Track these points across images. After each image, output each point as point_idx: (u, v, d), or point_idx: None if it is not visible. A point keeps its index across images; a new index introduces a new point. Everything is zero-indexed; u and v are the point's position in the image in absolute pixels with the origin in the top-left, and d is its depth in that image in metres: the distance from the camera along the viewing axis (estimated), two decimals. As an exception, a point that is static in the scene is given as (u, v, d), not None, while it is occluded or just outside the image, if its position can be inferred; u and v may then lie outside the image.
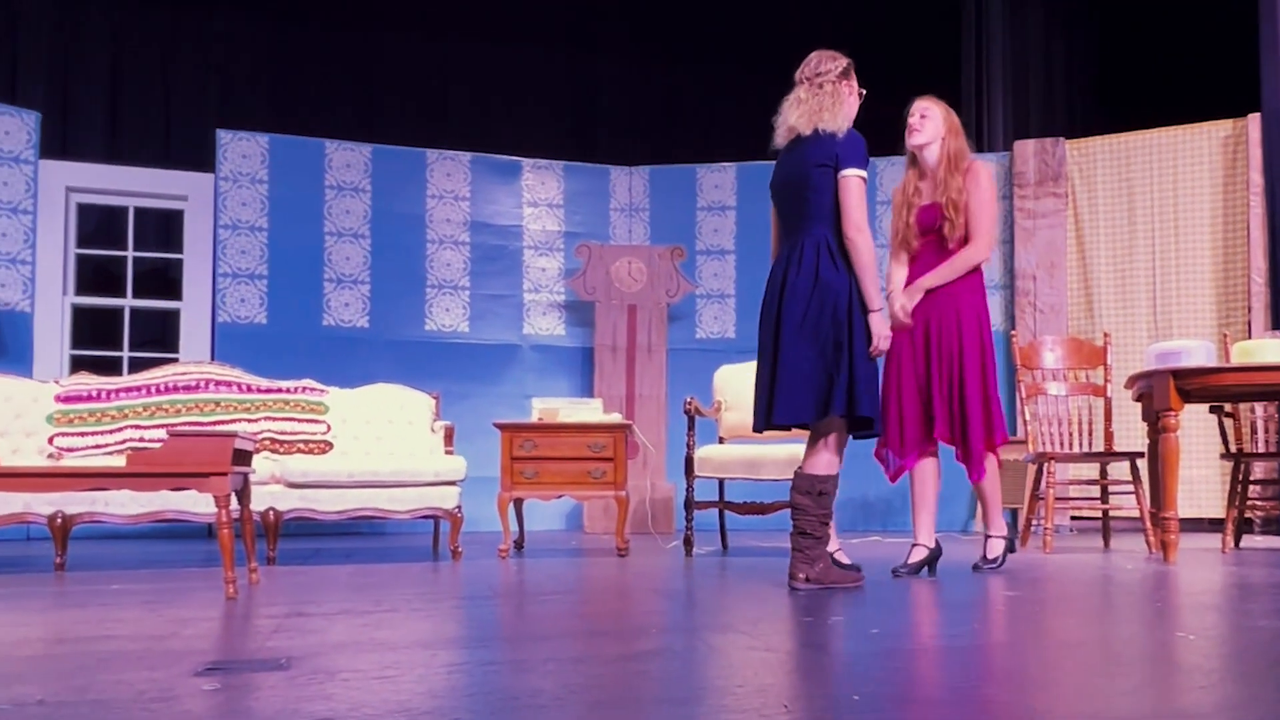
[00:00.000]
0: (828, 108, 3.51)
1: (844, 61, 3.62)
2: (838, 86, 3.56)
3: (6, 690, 1.84)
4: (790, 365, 3.42)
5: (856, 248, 3.43)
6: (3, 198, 6.48)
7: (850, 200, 3.43)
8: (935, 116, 4.13)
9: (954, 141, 4.11)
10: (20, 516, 4.39)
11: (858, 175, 3.45)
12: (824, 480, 3.49)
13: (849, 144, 3.48)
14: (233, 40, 7.69)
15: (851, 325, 3.40)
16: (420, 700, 1.77)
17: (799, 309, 3.43)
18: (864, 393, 3.40)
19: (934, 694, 1.83)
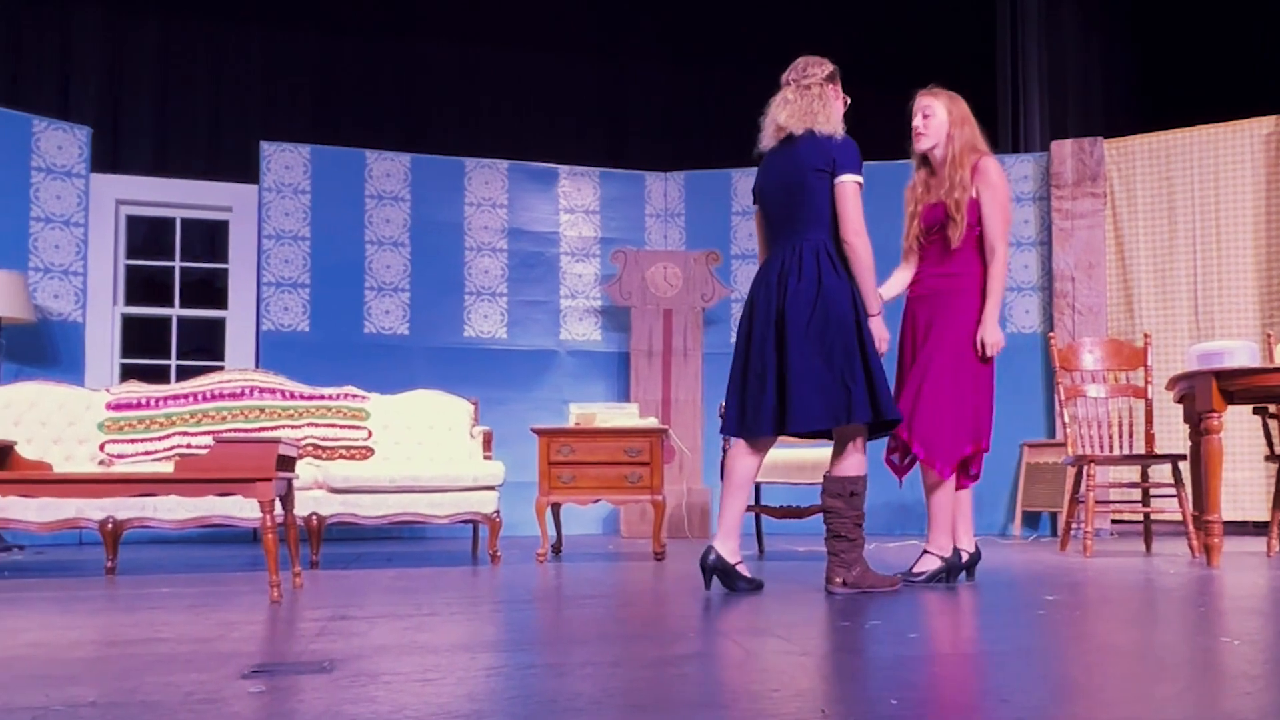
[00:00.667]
0: (819, 110, 3.51)
1: (830, 66, 3.61)
2: (824, 89, 3.55)
3: (60, 691, 1.88)
4: (800, 373, 3.39)
5: (855, 252, 3.43)
6: (56, 211, 6.66)
7: (848, 205, 3.43)
8: (938, 113, 3.95)
9: (960, 134, 3.92)
10: (73, 522, 4.50)
11: (855, 181, 3.44)
12: (854, 481, 3.49)
13: (846, 149, 3.47)
14: (275, 54, 7.83)
15: (860, 330, 3.41)
16: (460, 703, 1.79)
17: (803, 316, 3.41)
18: (884, 396, 3.41)
19: (972, 700, 1.82)
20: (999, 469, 7.09)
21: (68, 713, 1.71)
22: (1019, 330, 7.25)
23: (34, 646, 2.47)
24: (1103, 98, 7.95)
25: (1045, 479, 6.89)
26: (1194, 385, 4.52)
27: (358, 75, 7.98)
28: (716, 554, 3.50)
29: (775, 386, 3.44)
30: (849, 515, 3.47)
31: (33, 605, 3.37)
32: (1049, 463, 6.89)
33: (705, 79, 8.58)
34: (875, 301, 3.47)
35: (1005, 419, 7.03)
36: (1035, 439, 7.07)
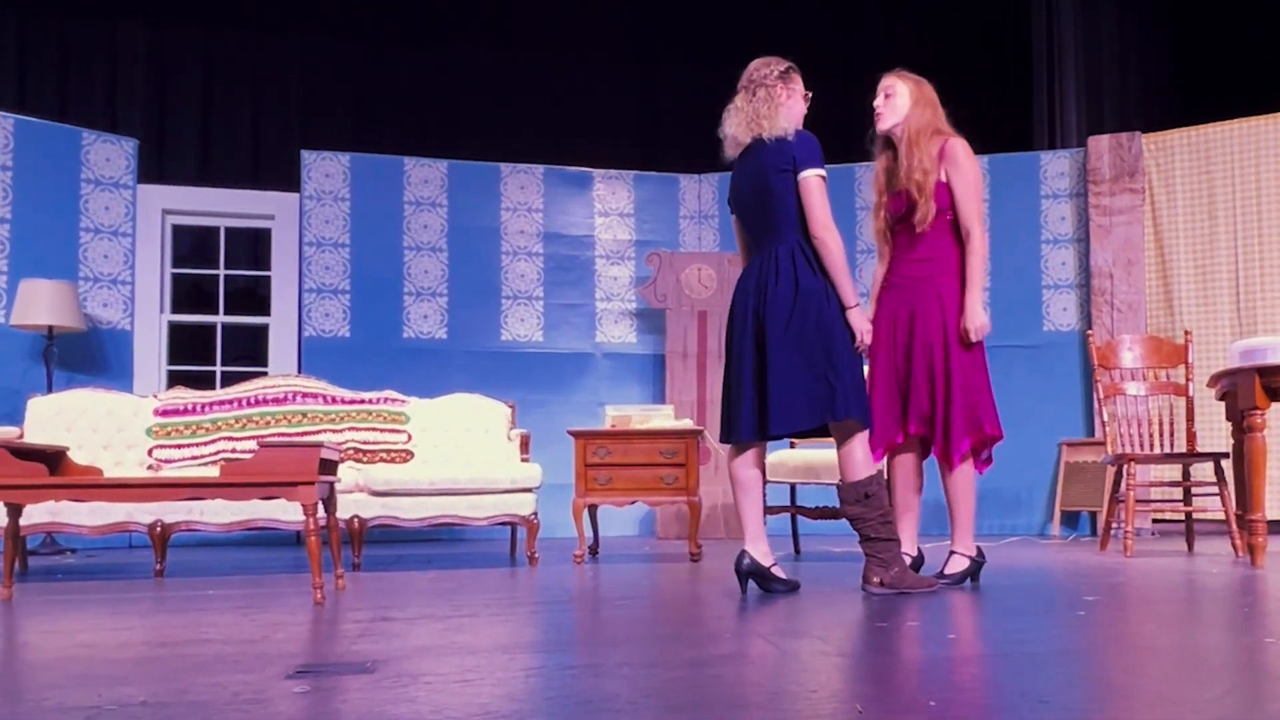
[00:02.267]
0: (764, 114, 3.49)
1: (783, 65, 3.57)
2: (773, 91, 3.52)
3: (111, 691, 1.93)
4: (780, 374, 3.38)
5: (826, 247, 3.41)
6: (104, 222, 6.82)
7: (814, 200, 3.40)
8: (901, 93, 3.80)
9: (921, 115, 3.76)
10: (123, 525, 4.61)
11: (817, 174, 3.42)
12: (866, 483, 3.44)
13: (804, 145, 3.45)
14: (315, 64, 7.95)
15: (839, 329, 3.39)
16: (499, 703, 1.81)
17: (782, 318, 3.40)
18: (855, 395, 3.39)
19: (1011, 701, 1.79)
20: (1037, 468, 7.04)
21: (119, 712, 1.75)
22: (1056, 328, 7.20)
23: (86, 647, 2.53)
24: (1140, 92, 7.85)
25: (1084, 478, 6.82)
26: (1236, 382, 4.47)
27: (396, 83, 8.09)
28: (750, 558, 3.50)
29: (754, 391, 3.44)
30: (872, 517, 3.44)
31: (85, 607, 3.46)
32: (1088, 462, 6.82)
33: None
34: (851, 294, 3.44)
35: (1043, 418, 7.03)
36: (1074, 438, 7.01)
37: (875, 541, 3.45)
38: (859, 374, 3.42)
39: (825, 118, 8.26)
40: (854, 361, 3.42)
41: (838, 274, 3.42)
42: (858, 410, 3.39)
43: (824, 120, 9.04)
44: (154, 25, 7.66)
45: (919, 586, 3.47)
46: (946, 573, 3.78)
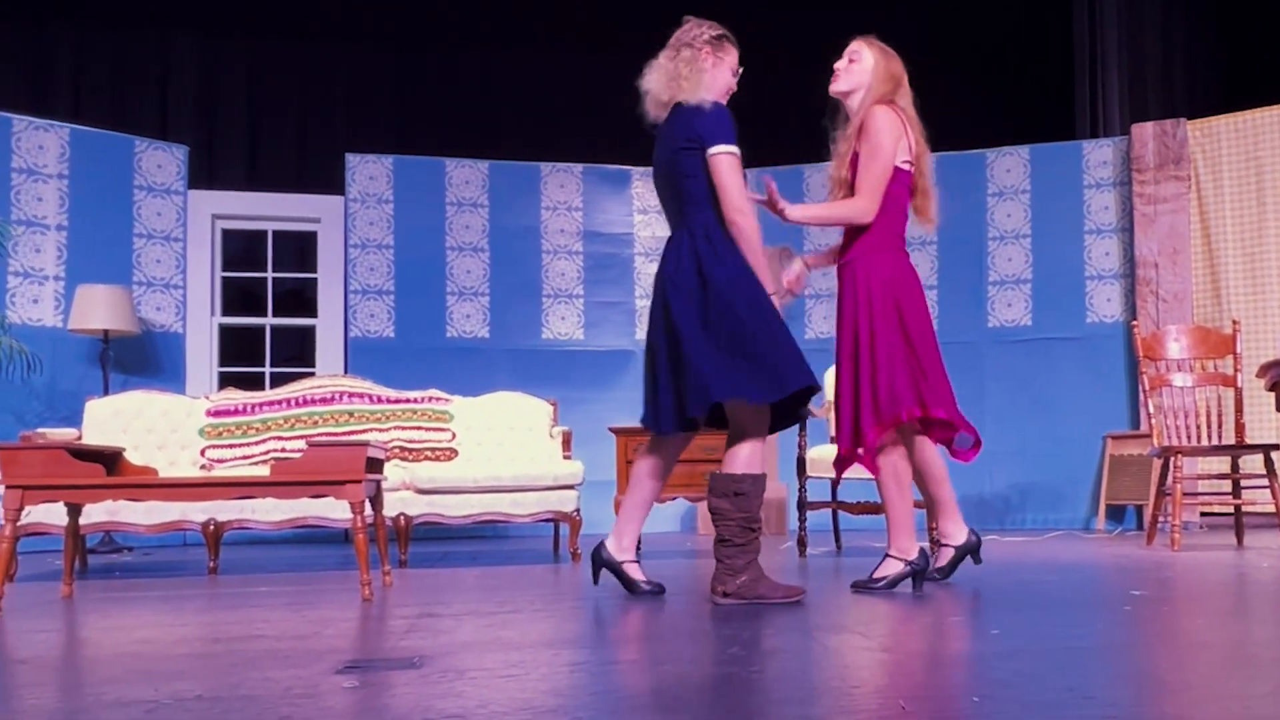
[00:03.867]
0: (685, 75, 3.23)
1: (716, 30, 3.33)
2: (698, 54, 3.26)
3: (169, 686, 1.98)
4: (693, 365, 3.12)
5: (740, 231, 3.14)
6: (157, 227, 6.98)
7: (724, 180, 3.13)
8: (865, 59, 3.51)
9: (878, 88, 3.47)
10: (178, 524, 4.73)
11: (726, 152, 3.13)
12: (740, 480, 3.14)
13: (711, 119, 3.17)
14: (358, 70, 8.07)
15: (750, 311, 3.12)
16: (544, 698, 1.83)
17: (694, 312, 3.14)
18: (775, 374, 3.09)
19: (1056, 696, 1.75)
20: (1081, 461, 6.98)
21: (176, 706, 1.79)
22: (1100, 320, 7.12)
23: (144, 643, 2.61)
24: (1185, 77, 7.73)
25: (1130, 471, 6.75)
26: (1285, 373, 4.40)
27: (437, 86, 8.18)
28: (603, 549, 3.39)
29: (671, 382, 3.20)
30: (735, 517, 3.12)
31: (142, 604, 3.56)
32: (1133, 454, 6.75)
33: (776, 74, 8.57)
34: (771, 280, 3.21)
35: (1086, 411, 6.96)
36: (1119, 430, 6.93)
37: (729, 545, 3.14)
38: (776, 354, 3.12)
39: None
40: (767, 344, 3.11)
41: (755, 260, 3.16)
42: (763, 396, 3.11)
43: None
44: (204, 36, 7.83)
45: (773, 596, 3.11)
46: (875, 576, 3.47)
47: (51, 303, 6.51)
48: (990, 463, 7.14)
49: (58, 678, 2.23)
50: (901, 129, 3.45)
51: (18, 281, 6.41)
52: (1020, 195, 7.31)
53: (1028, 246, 7.28)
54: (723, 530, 3.16)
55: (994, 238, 7.36)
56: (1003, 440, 7.13)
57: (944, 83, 8.46)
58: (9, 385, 5.25)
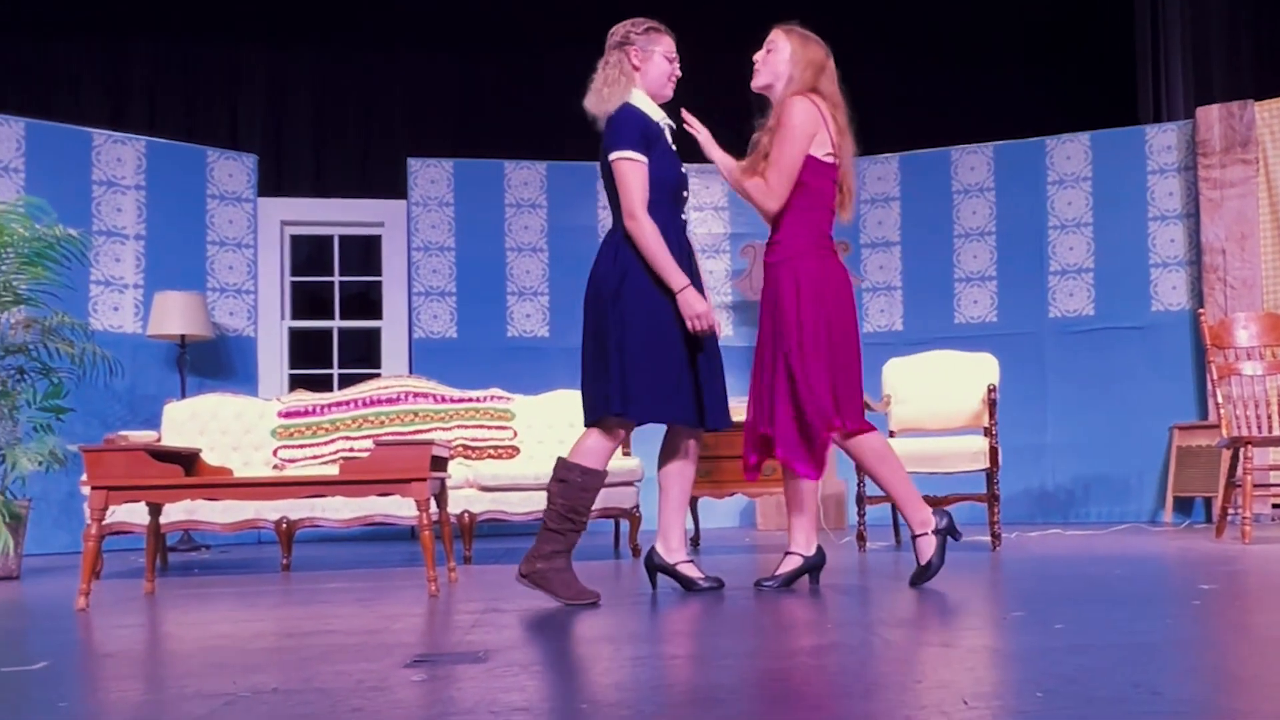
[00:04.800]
0: (604, 84, 3.25)
1: (641, 25, 3.29)
2: (622, 58, 3.26)
3: (246, 679, 2.06)
4: (582, 366, 3.26)
5: (634, 235, 3.13)
6: (229, 235, 7.21)
7: (620, 185, 3.13)
8: (781, 49, 3.38)
9: (800, 77, 3.33)
10: (252, 522, 4.90)
11: (623, 157, 3.13)
12: (571, 469, 3.17)
13: (614, 125, 3.18)
14: (419, 75, 8.22)
15: (623, 320, 3.13)
16: (606, 692, 1.86)
17: (589, 308, 3.25)
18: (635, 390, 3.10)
19: (1122, 692, 1.71)
20: (1147, 453, 6.86)
21: (253, 699, 1.85)
22: (1165, 308, 6.98)
23: (222, 638, 2.72)
24: (1252, 57, 7.52)
25: (1198, 463, 6.61)
26: (1357, 361, 4.29)
27: (494, 89, 8.30)
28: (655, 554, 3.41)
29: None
30: (557, 503, 3.16)
31: (220, 600, 3.70)
32: (1202, 445, 6.61)
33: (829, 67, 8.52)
34: (676, 278, 3.13)
35: (1152, 401, 6.84)
36: (1186, 421, 6.80)
37: (545, 530, 3.18)
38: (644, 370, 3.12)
39: (908, 97, 8.17)
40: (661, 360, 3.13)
41: (653, 261, 3.12)
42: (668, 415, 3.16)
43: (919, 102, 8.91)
44: (271, 47, 8.05)
45: (564, 594, 3.13)
46: (777, 573, 3.43)
47: (131, 310, 6.76)
48: (1053, 456, 7.06)
49: (142, 671, 2.33)
50: (819, 120, 3.31)
51: (99, 290, 6.67)
52: (1081, 183, 7.19)
53: (1090, 235, 7.16)
54: (545, 512, 3.20)
55: (1054, 227, 7.25)
56: (1065, 433, 7.04)
57: (1001, 71, 8.37)
58: (93, 390, 5.48)
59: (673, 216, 3.26)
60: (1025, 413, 6.95)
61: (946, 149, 7.41)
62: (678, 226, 3.29)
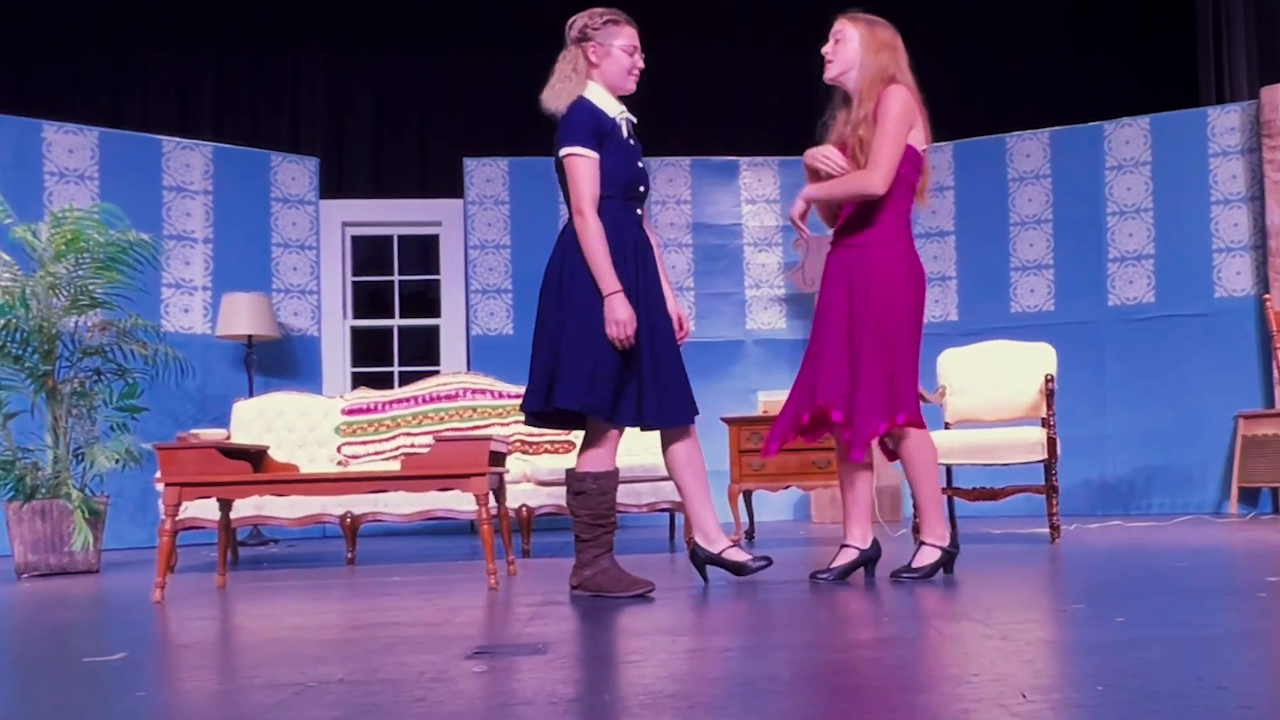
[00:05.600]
0: (558, 79, 3.25)
1: (600, 18, 3.26)
2: (578, 54, 3.25)
3: (313, 670, 2.13)
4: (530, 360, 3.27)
5: (578, 232, 3.13)
6: (292, 237, 7.39)
7: (569, 181, 3.15)
8: (849, 38, 3.38)
9: (874, 62, 3.34)
10: (318, 517, 5.04)
11: (572, 153, 3.14)
12: (581, 478, 3.22)
13: (565, 121, 3.17)
14: (474, 75, 8.32)
15: (565, 316, 3.15)
16: (663, 684, 1.87)
17: (539, 304, 3.27)
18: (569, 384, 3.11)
19: (1186, 686, 1.69)
20: (1210, 443, 6.72)
21: (320, 689, 1.90)
22: (1229, 294, 6.83)
23: (290, 629, 2.81)
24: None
25: (1265, 452, 6.46)
26: None
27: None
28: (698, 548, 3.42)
29: None
30: (580, 514, 3.23)
31: (288, 593, 3.83)
32: (1268, 435, 6.46)
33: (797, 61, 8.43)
34: (609, 280, 3.11)
35: (1216, 390, 6.70)
36: (1251, 410, 6.64)
37: (579, 541, 3.26)
38: (594, 363, 3.13)
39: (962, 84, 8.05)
40: (587, 350, 3.12)
41: (591, 259, 3.12)
42: (576, 401, 3.12)
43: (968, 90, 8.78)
44: (331, 51, 8.21)
45: (617, 591, 3.18)
46: (914, 565, 3.42)
47: (200, 311, 6.97)
48: (1113, 446, 6.95)
49: (215, 661, 2.43)
50: (915, 111, 3.35)
51: (170, 293, 6.88)
52: (1141, 167, 7.06)
53: (1150, 221, 7.02)
54: (574, 524, 3.26)
55: (1113, 213, 7.13)
56: (1125, 423, 6.92)
57: (1056, 54, 8.23)
58: (165, 389, 5.67)
59: (626, 212, 3.24)
60: (1084, 403, 6.86)
61: (1001, 136, 7.32)
62: (632, 223, 3.27)
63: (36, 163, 6.49)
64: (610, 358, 3.14)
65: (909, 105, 3.31)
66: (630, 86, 3.31)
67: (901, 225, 3.38)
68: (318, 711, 1.73)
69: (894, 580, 3.42)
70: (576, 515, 3.25)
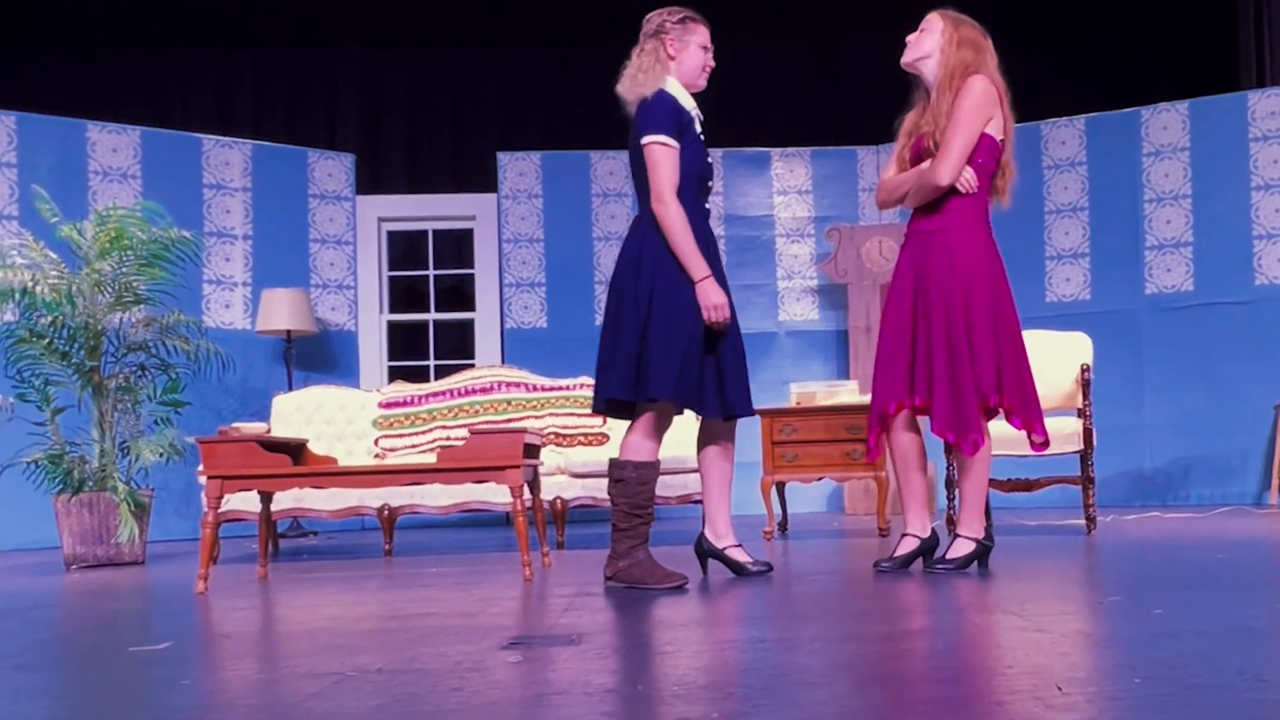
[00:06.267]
0: (639, 70, 3.28)
1: (677, 14, 3.33)
2: (658, 46, 3.29)
3: (352, 659, 2.17)
4: (601, 351, 3.30)
5: (661, 221, 3.16)
6: (330, 233, 7.48)
7: (651, 170, 3.17)
8: (933, 29, 3.41)
9: (956, 55, 3.35)
10: (356, 509, 5.10)
11: (655, 142, 3.17)
12: (622, 466, 3.22)
13: (648, 109, 3.21)
14: (507, 70, 8.36)
15: (650, 306, 3.16)
16: (696, 675, 1.89)
17: (611, 297, 3.29)
18: (656, 374, 3.12)
19: (1226, 679, 1.67)
20: (1251, 432, 6.62)
21: (359, 678, 1.94)
22: (1270, 281, 6.71)
23: (330, 620, 2.88)
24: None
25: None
26: None
27: (580, 81, 8.39)
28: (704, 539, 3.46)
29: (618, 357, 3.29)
30: (619, 502, 3.23)
31: (327, 584, 3.90)
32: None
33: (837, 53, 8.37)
34: (698, 266, 3.15)
35: (1257, 378, 6.61)
36: (1294, 398, 6.55)
37: (616, 530, 3.27)
38: (681, 353, 3.15)
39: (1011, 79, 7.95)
40: (671, 340, 3.15)
41: (678, 249, 3.15)
42: (669, 391, 3.14)
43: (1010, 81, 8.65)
44: (366, 49, 8.28)
45: (652, 583, 3.20)
46: (948, 557, 3.42)
47: (241, 307, 7.08)
48: (1150, 436, 6.87)
49: (257, 651, 2.49)
50: (996, 102, 3.36)
51: (211, 289, 7.00)
52: (1179, 153, 6.96)
53: (1188, 207, 6.92)
54: (612, 516, 3.28)
55: (1150, 200, 7.03)
56: (1163, 413, 6.84)
57: (1091, 40, 8.12)
58: (207, 384, 5.77)
59: (697, 206, 3.29)
60: (1121, 392, 6.78)
61: (1036, 123, 7.25)
62: (701, 215, 3.33)
63: (81, 162, 6.62)
64: (694, 346, 3.18)
65: (988, 96, 3.32)
66: (702, 83, 3.39)
67: (979, 214, 3.38)
68: (356, 700, 1.77)
69: (926, 571, 3.44)
70: (615, 504, 3.26)
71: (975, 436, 3.30)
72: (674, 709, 1.63)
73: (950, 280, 3.31)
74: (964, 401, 3.28)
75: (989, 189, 3.42)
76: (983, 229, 3.39)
